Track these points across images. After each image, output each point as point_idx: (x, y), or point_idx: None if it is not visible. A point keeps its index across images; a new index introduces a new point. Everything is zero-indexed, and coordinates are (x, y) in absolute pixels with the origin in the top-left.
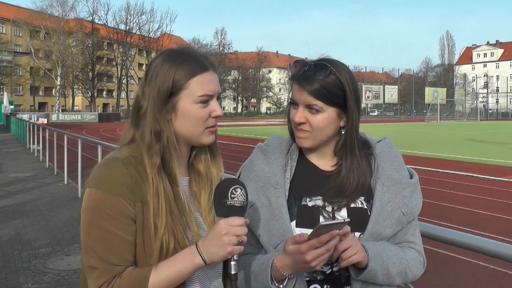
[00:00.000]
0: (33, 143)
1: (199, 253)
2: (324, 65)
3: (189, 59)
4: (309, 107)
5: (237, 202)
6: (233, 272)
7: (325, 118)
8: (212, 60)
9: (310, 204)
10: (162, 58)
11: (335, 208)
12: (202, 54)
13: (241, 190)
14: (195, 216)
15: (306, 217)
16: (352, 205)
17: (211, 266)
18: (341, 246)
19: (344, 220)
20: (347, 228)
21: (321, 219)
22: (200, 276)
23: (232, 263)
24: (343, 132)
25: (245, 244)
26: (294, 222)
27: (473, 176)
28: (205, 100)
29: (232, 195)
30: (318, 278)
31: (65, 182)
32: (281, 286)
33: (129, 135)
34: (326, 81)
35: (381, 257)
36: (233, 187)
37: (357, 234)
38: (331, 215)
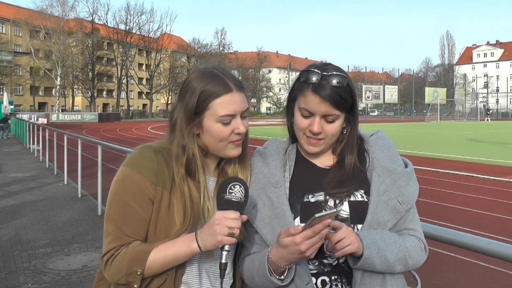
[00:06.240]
0: (33, 143)
1: (196, 239)
2: (339, 74)
3: (215, 80)
4: (326, 117)
5: (234, 197)
6: (223, 261)
7: (339, 124)
8: (238, 79)
9: (312, 200)
10: (194, 76)
11: (337, 202)
12: (229, 74)
13: (240, 187)
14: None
15: (309, 212)
16: (353, 198)
17: (213, 262)
18: (334, 237)
19: (336, 210)
20: (338, 223)
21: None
22: (200, 263)
23: (224, 252)
24: (344, 132)
25: (250, 242)
26: (298, 219)
27: (473, 176)
28: (227, 120)
29: (230, 191)
30: (326, 270)
31: (65, 182)
32: (282, 277)
33: (167, 135)
34: (343, 89)
35: (378, 245)
36: (232, 183)
37: (359, 226)
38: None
